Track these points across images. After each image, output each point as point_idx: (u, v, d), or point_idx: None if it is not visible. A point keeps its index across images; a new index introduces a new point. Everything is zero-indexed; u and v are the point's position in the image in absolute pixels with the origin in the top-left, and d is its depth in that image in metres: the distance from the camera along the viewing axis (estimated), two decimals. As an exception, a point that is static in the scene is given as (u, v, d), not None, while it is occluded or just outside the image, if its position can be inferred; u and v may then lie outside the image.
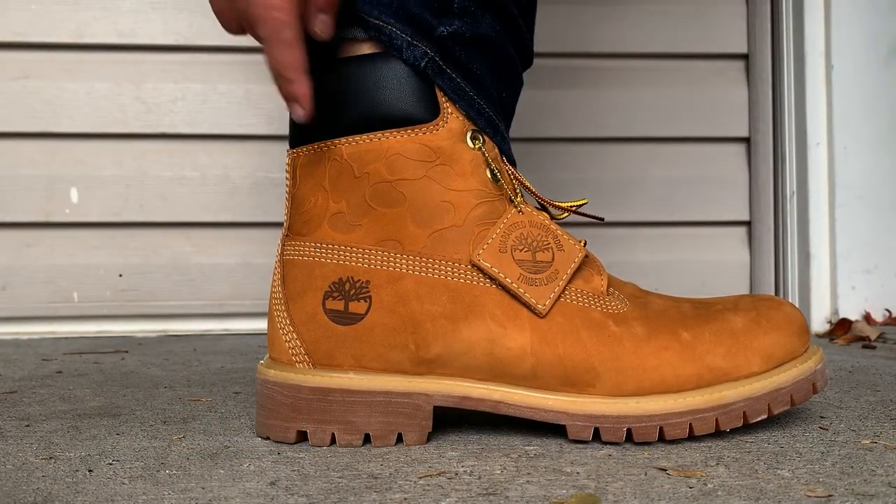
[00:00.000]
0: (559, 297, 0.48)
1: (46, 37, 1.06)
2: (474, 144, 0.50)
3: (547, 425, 0.49)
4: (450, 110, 0.49)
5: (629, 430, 0.47)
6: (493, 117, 0.51)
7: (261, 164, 1.10)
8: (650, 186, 1.15)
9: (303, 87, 0.46)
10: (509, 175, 0.51)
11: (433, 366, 0.48)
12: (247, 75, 1.10)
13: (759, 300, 0.51)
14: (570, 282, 0.49)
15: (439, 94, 0.49)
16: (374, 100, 0.49)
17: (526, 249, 0.49)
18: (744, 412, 0.48)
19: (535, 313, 0.48)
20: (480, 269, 0.48)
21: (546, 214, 0.51)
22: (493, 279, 0.48)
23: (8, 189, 1.06)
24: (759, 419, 0.48)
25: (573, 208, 0.52)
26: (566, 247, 0.50)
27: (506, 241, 0.49)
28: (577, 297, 0.49)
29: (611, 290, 0.50)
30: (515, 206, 0.50)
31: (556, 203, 0.52)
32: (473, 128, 0.50)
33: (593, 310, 0.49)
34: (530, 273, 0.48)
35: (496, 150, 0.51)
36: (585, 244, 0.52)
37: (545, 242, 0.49)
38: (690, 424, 0.47)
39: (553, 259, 0.49)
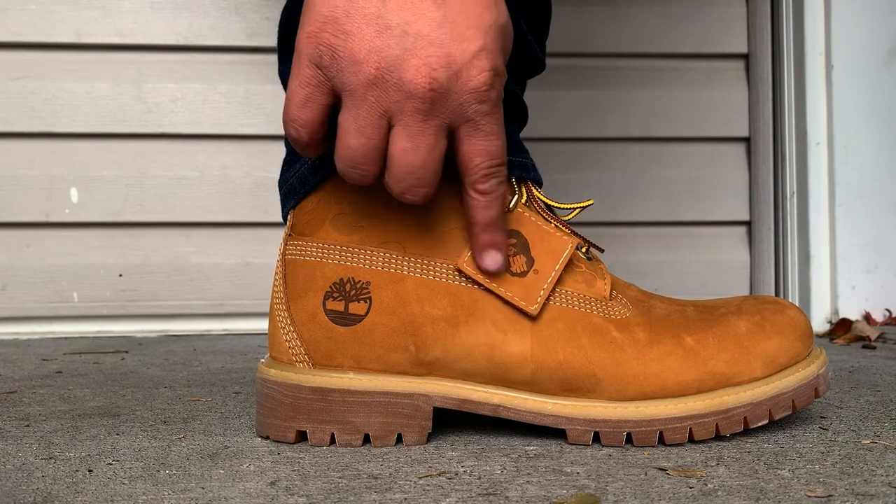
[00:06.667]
0: (549, 296, 0.48)
1: (46, 37, 1.06)
2: None
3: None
4: None
5: (629, 435, 0.47)
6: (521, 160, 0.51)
7: (260, 164, 1.10)
8: (650, 186, 1.15)
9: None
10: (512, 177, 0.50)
11: (433, 368, 0.48)
12: (247, 75, 1.10)
13: (764, 303, 0.51)
14: (565, 283, 0.48)
15: None
16: None
17: (509, 249, 0.48)
18: (744, 417, 0.47)
19: (527, 315, 0.47)
20: (467, 276, 0.47)
21: (529, 211, 0.49)
22: (479, 285, 0.47)
23: (8, 189, 1.06)
24: (759, 424, 0.48)
25: (569, 218, 0.51)
26: (552, 242, 0.48)
27: None
28: (579, 303, 0.48)
29: (614, 293, 0.50)
30: None
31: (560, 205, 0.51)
32: None
33: (595, 315, 0.48)
34: (514, 274, 0.47)
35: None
36: (588, 249, 0.51)
37: (527, 241, 0.48)
38: (690, 429, 0.47)
39: (537, 258, 0.48)
